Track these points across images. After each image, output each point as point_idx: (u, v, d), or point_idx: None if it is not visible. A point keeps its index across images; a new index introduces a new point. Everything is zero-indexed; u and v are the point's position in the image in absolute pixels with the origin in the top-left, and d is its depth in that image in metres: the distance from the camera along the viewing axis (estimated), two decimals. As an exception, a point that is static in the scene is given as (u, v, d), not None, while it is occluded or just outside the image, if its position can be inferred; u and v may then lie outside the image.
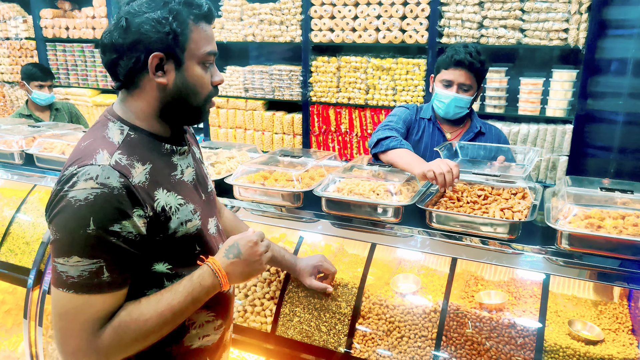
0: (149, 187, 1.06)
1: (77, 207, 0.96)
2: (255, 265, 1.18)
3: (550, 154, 3.30)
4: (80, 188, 0.97)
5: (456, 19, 3.36)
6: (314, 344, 1.57)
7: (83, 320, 0.98)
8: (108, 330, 1.00)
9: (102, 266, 0.98)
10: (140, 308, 1.04)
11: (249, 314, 1.70)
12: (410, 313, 1.54)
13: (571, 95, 3.23)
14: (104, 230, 0.97)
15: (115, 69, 1.09)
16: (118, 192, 0.99)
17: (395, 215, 1.68)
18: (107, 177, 0.99)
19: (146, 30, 1.04)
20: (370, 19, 3.64)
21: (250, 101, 4.40)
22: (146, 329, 1.03)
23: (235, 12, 4.21)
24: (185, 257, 1.15)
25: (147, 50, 1.05)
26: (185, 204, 1.14)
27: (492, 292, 1.66)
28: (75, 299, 0.98)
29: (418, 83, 3.59)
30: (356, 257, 1.93)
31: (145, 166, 1.08)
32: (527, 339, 1.40)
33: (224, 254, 1.16)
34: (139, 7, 1.05)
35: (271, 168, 1.98)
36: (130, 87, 1.11)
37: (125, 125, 1.11)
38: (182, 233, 1.12)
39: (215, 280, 1.11)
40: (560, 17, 3.08)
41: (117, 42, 1.05)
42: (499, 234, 1.54)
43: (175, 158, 1.18)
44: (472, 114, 2.30)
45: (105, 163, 1.01)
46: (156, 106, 1.12)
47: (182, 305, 1.07)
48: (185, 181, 1.19)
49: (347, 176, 1.87)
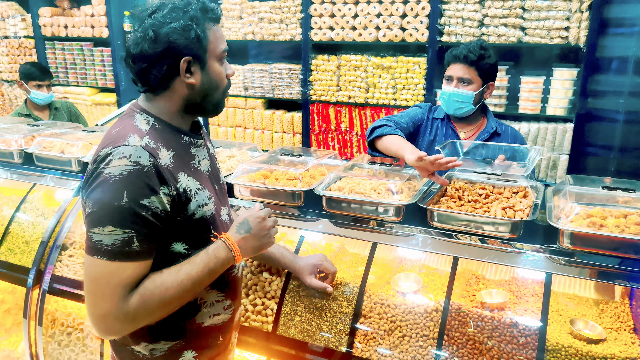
0: (173, 170, 1.17)
1: (113, 182, 1.07)
2: (265, 239, 1.29)
3: (551, 152, 3.29)
4: (115, 165, 1.08)
5: (456, 17, 3.35)
6: (315, 344, 1.57)
7: (114, 285, 1.08)
8: (135, 296, 1.10)
9: (133, 236, 1.08)
10: (162, 277, 1.14)
11: (250, 314, 1.69)
12: (411, 312, 1.54)
13: (572, 93, 3.23)
14: (135, 203, 1.08)
15: (146, 77, 1.20)
16: (148, 170, 1.10)
17: (396, 214, 1.67)
18: (139, 156, 1.10)
19: (175, 39, 1.15)
20: (371, 17, 3.63)
21: (250, 100, 4.39)
22: (168, 295, 1.13)
23: (235, 11, 4.20)
24: (200, 238, 1.24)
25: (177, 56, 1.17)
26: (203, 189, 1.24)
27: (493, 291, 1.66)
28: (108, 265, 1.08)
29: (418, 82, 3.58)
30: (357, 257, 1.92)
31: (169, 152, 1.19)
32: (529, 338, 1.40)
33: (235, 229, 1.26)
34: (163, 18, 1.15)
35: (272, 167, 1.97)
36: (160, 89, 1.22)
37: (150, 116, 1.22)
38: (199, 215, 1.22)
39: (229, 253, 1.22)
40: (561, 15, 3.07)
41: (148, 53, 1.16)
42: (501, 232, 1.54)
43: (193, 149, 1.29)
44: (487, 113, 2.28)
45: (137, 144, 1.12)
46: (182, 103, 1.24)
47: (199, 276, 1.17)
48: (202, 170, 1.30)
49: (348, 175, 1.87)
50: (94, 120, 5.03)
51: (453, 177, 1.86)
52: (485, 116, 2.28)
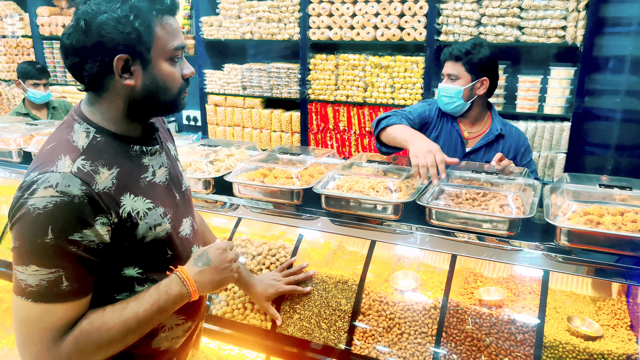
0: (115, 193, 1.03)
1: (36, 216, 0.93)
2: (225, 272, 1.17)
3: (548, 151, 3.30)
4: (40, 196, 0.94)
5: (454, 16, 3.36)
6: (314, 341, 1.58)
7: (43, 329, 0.96)
8: (69, 339, 0.98)
9: (62, 275, 0.95)
10: (104, 316, 1.02)
11: (249, 312, 1.70)
12: (410, 310, 1.55)
13: (569, 92, 3.24)
14: (63, 239, 0.94)
15: (79, 73, 1.04)
16: (79, 200, 0.96)
17: (394, 212, 1.68)
18: (67, 185, 0.95)
19: (108, 32, 0.98)
20: (369, 17, 3.64)
21: (248, 99, 4.39)
22: (109, 337, 1.01)
23: (233, 10, 4.20)
24: (156, 261, 1.12)
25: (111, 53, 1.00)
26: (155, 208, 1.11)
27: (491, 289, 1.67)
28: (35, 308, 0.95)
29: (416, 81, 3.59)
30: (355, 255, 1.93)
31: (112, 170, 1.04)
32: (527, 335, 1.41)
33: (192, 262, 1.15)
34: (97, 6, 0.99)
35: (270, 165, 1.98)
36: (98, 89, 1.07)
37: (91, 127, 1.07)
38: (151, 237, 1.09)
39: (183, 288, 1.10)
40: (558, 14, 3.08)
41: (79, 45, 1.00)
42: (499, 230, 1.54)
43: (146, 159, 1.14)
44: (492, 113, 2.27)
45: (66, 170, 0.97)
46: (125, 107, 1.08)
47: (147, 314, 1.05)
48: (157, 182, 1.16)
49: (347, 173, 1.88)
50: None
51: (451, 175, 1.87)
52: (491, 116, 2.27)
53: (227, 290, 1.77)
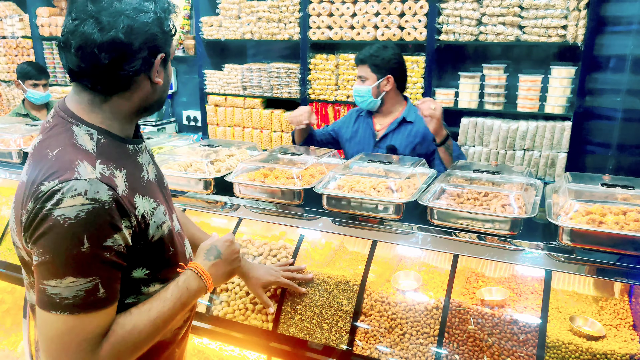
0: (130, 195, 1.03)
1: (69, 226, 0.91)
2: (235, 263, 1.24)
3: (549, 150, 3.30)
4: (69, 205, 0.91)
5: (455, 16, 3.36)
6: (315, 342, 1.57)
7: (81, 340, 0.94)
8: (105, 346, 0.97)
9: (98, 283, 0.95)
10: (132, 320, 1.03)
11: (250, 312, 1.69)
12: (412, 310, 1.54)
13: (570, 92, 3.24)
14: (98, 247, 0.94)
15: (112, 72, 1.00)
16: (109, 205, 0.95)
17: (396, 212, 1.67)
18: (96, 192, 0.94)
19: (152, 31, 1.02)
20: (369, 16, 3.63)
21: (249, 99, 4.39)
22: (141, 339, 1.03)
23: (233, 10, 4.19)
24: (160, 260, 1.13)
25: (154, 51, 1.04)
26: (158, 206, 1.11)
27: (493, 289, 1.66)
28: (71, 320, 0.93)
29: (417, 80, 3.58)
30: (357, 255, 1.92)
31: (122, 173, 1.04)
32: (530, 335, 1.40)
33: (204, 257, 1.19)
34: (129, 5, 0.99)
35: (271, 165, 1.97)
36: (119, 89, 1.04)
37: (92, 129, 1.04)
38: (158, 236, 1.10)
39: (201, 283, 1.14)
40: (559, 13, 3.08)
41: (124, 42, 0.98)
42: (501, 230, 1.54)
43: (140, 157, 1.15)
44: (408, 104, 2.54)
45: (91, 177, 0.95)
46: (139, 104, 1.09)
47: (172, 312, 1.08)
48: (152, 181, 1.16)
49: (348, 173, 1.87)
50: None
51: (452, 175, 1.87)
52: (405, 107, 2.53)
53: (229, 291, 1.77)
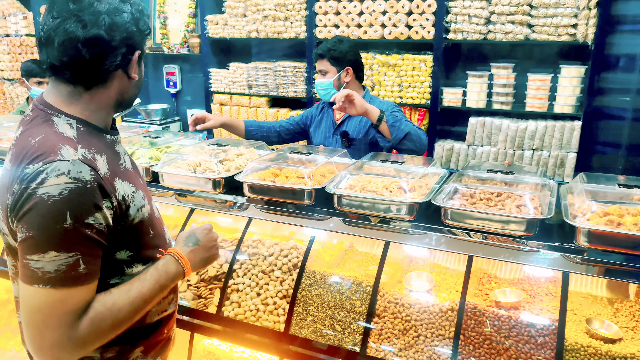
0: (111, 178, 1.10)
1: (52, 203, 0.97)
2: (212, 250, 1.30)
3: (559, 150, 3.27)
4: (52, 184, 0.98)
5: (463, 14, 3.33)
6: (328, 343, 1.55)
7: (62, 314, 0.99)
8: (85, 321, 1.02)
9: (79, 259, 1.00)
10: (113, 298, 1.08)
11: (262, 313, 1.68)
12: (426, 312, 1.52)
13: (579, 91, 3.21)
14: (80, 223, 1.00)
15: (93, 66, 1.08)
16: (91, 185, 1.02)
17: (409, 212, 1.65)
18: (79, 172, 1.01)
19: (131, 30, 1.10)
20: (376, 15, 3.61)
21: (254, 98, 4.37)
22: (120, 317, 1.08)
23: (239, 8, 4.17)
24: (142, 242, 1.19)
25: (132, 48, 1.12)
26: (137, 191, 1.18)
27: (507, 290, 1.64)
28: (53, 294, 0.99)
29: (424, 79, 3.56)
30: (367, 255, 1.91)
31: (103, 157, 1.11)
32: (547, 338, 1.38)
33: (183, 243, 1.26)
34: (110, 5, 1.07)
35: (281, 165, 1.95)
36: (97, 83, 1.11)
37: (71, 119, 1.11)
38: (138, 219, 1.16)
39: (179, 267, 1.20)
40: (568, 12, 3.05)
41: (105, 39, 1.06)
42: (516, 231, 1.52)
43: (117, 147, 1.22)
44: (365, 94, 2.58)
45: (74, 158, 1.02)
46: (117, 99, 1.17)
47: (151, 293, 1.14)
48: (129, 169, 1.23)
49: (359, 173, 1.85)
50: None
51: (464, 175, 1.85)
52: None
53: (239, 292, 1.75)
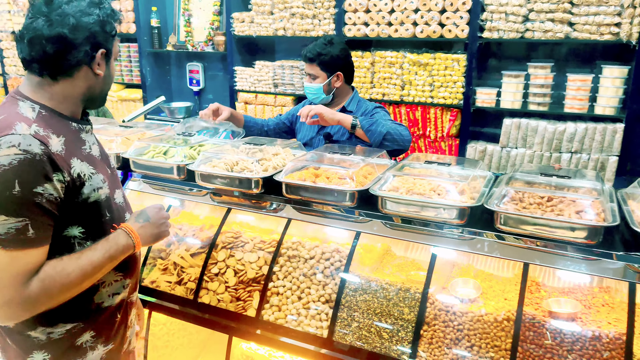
0: (66, 156, 1.19)
1: (2, 172, 1.07)
2: (162, 227, 1.39)
3: (599, 154, 3.15)
4: (3, 155, 1.08)
5: (500, 12, 3.23)
6: (374, 351, 1.49)
7: (14, 273, 1.09)
8: (35, 281, 1.12)
9: (28, 224, 1.10)
10: (63, 263, 1.17)
11: (303, 318, 1.62)
12: (480, 321, 1.45)
13: (622, 92, 3.09)
14: (28, 191, 1.09)
15: (56, 60, 1.20)
16: (40, 157, 1.11)
17: (460, 216, 1.57)
18: (28, 145, 1.10)
19: (95, 30, 1.22)
20: (408, 13, 3.53)
21: (280, 97, 4.32)
22: (69, 281, 1.16)
23: (266, 6, 4.13)
24: (95, 222, 1.27)
25: (95, 47, 1.24)
26: (97, 174, 1.27)
27: (561, 300, 1.56)
28: (4, 255, 1.09)
29: (457, 79, 3.47)
30: (405, 259, 1.84)
31: (60, 138, 1.20)
32: (614, 353, 1.30)
33: (134, 220, 1.35)
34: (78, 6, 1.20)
35: (321, 165, 1.89)
36: (61, 75, 1.23)
37: (35, 104, 1.22)
38: (94, 199, 1.24)
39: (129, 240, 1.29)
40: (612, 10, 2.93)
41: (65, 37, 1.18)
42: (578, 238, 1.43)
43: (83, 134, 1.31)
44: (352, 99, 2.58)
45: (25, 132, 1.12)
46: (84, 92, 1.28)
47: (100, 262, 1.22)
48: (94, 155, 1.32)
49: (403, 174, 1.78)
50: (120, 117, 5.02)
51: (512, 178, 1.77)
52: (349, 98, 2.59)
53: (279, 295, 1.70)
